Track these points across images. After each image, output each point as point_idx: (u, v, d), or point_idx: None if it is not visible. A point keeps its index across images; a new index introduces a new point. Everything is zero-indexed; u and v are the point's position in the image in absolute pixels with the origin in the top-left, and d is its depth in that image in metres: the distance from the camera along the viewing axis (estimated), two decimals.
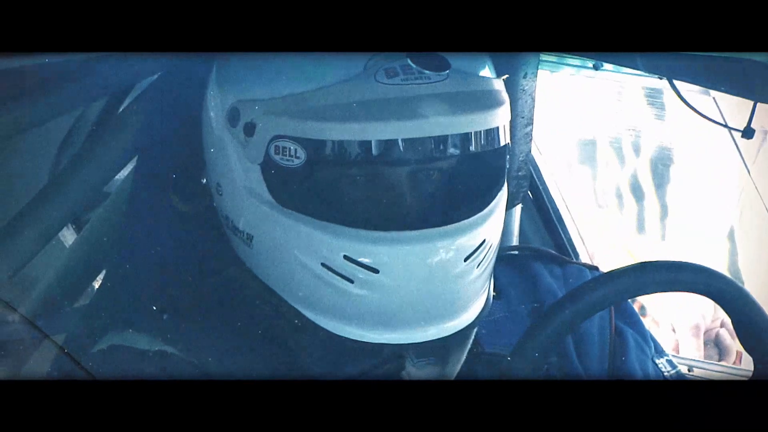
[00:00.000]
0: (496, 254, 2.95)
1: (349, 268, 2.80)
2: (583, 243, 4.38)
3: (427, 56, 2.88)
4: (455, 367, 2.98)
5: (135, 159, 3.18)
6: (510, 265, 3.31)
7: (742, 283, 3.51)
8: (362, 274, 2.82)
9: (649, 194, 5.10)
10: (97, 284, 3.27)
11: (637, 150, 5.22)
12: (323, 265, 2.80)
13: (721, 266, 4.05)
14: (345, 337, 2.90)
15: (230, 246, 2.97)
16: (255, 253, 2.89)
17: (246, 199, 2.89)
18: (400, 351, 2.94)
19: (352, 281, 2.81)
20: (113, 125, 3.29)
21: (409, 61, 2.81)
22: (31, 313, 3.19)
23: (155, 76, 3.19)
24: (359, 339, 2.88)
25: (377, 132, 2.79)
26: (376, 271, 2.78)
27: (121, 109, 3.26)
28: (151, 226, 3.10)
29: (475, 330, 2.98)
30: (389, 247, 2.83)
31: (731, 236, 5.16)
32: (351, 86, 2.79)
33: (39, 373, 2.87)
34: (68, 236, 3.35)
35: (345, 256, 2.80)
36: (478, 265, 2.86)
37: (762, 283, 4.37)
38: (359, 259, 2.81)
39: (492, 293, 3.01)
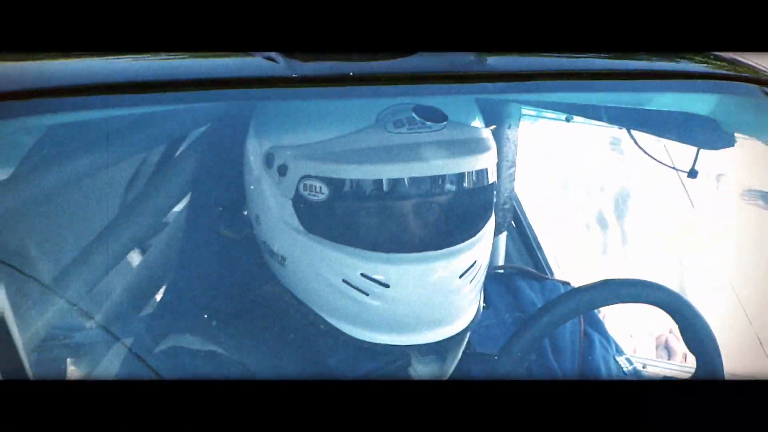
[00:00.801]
0: (485, 272, 2.97)
1: (365, 284, 2.82)
2: (557, 264, 4.36)
3: (428, 109, 2.89)
4: (452, 364, 2.98)
5: (189, 195, 3.20)
6: (497, 281, 3.30)
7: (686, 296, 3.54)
8: (376, 288, 2.84)
9: (611, 224, 5.15)
10: (158, 297, 3.30)
11: (602, 188, 5.24)
12: (344, 281, 2.84)
13: (669, 278, 4.09)
14: (362, 340, 2.92)
15: (267, 267, 2.99)
16: (288, 272, 2.93)
17: (280, 228, 2.93)
18: (406, 351, 2.96)
19: (367, 294, 2.83)
20: (171, 167, 3.32)
21: (414, 114, 2.82)
22: (105, 321, 3.13)
23: (205, 127, 3.19)
24: (373, 341, 2.91)
25: (387, 172, 2.84)
26: (387, 286, 2.82)
27: (177, 154, 3.26)
28: (202, 250, 3.13)
29: (468, 334, 2.99)
30: (397, 266, 2.86)
31: (677, 257, 5.21)
32: (366, 135, 2.84)
33: (111, 371, 3.01)
34: (135, 258, 3.36)
35: (362, 274, 2.82)
36: (471, 281, 2.87)
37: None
38: (373, 276, 2.83)
39: (482, 304, 3.02)
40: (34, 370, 2.48)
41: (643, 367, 3.51)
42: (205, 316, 3.02)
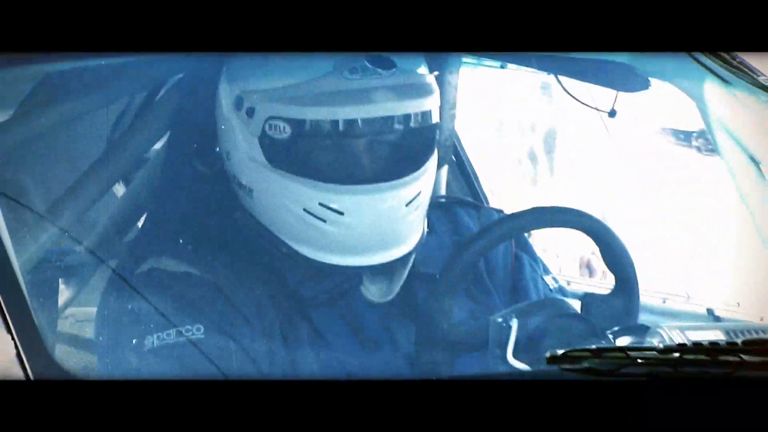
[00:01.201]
0: (428, 201, 3.02)
1: (323, 212, 2.86)
2: (492, 193, 4.34)
3: (379, 57, 2.95)
4: (398, 283, 3.01)
5: (167, 134, 3.22)
6: (439, 209, 3.32)
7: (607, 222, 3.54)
8: (332, 215, 2.88)
9: (540, 158, 5.14)
10: (140, 224, 3.29)
11: (533, 127, 5.25)
12: (304, 209, 2.88)
13: (591, 206, 4.09)
14: (319, 261, 2.95)
15: (237, 197, 3.03)
16: (255, 202, 2.97)
17: (248, 163, 2.98)
18: (359, 271, 3.00)
19: (324, 221, 2.87)
20: (151, 110, 3.34)
21: (366, 62, 2.88)
22: (93, 246, 3.12)
23: (180, 75, 3.21)
24: (329, 262, 2.95)
25: (343, 114, 2.86)
26: (342, 214, 2.86)
27: (157, 98, 3.28)
28: (179, 183, 3.14)
29: (413, 256, 3.02)
30: (351, 196, 2.89)
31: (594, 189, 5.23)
32: (324, 81, 2.88)
33: (98, 288, 2.97)
34: (119, 190, 3.36)
35: (320, 203, 2.86)
36: (416, 209, 2.93)
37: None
38: (330, 205, 2.87)
39: (425, 229, 3.06)
40: (31, 291, 2.48)
41: (568, 284, 3.52)
42: (180, 240, 3.03)
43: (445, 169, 3.60)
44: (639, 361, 2.57)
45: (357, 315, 3.07)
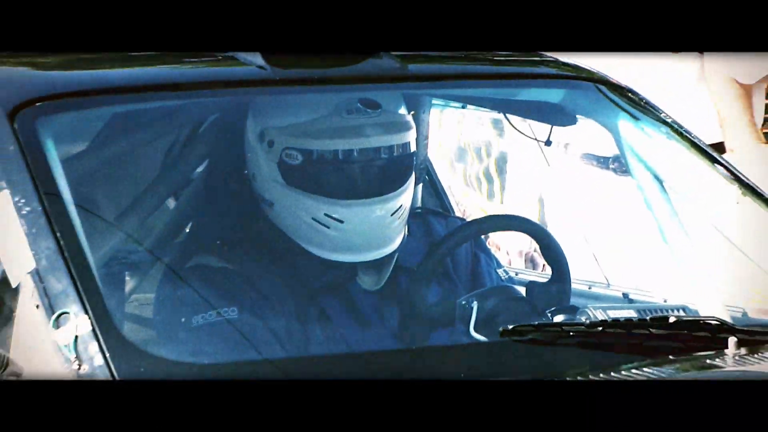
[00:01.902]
0: (408, 211, 3.03)
1: (327, 220, 2.90)
2: (457, 205, 4.34)
3: (368, 101, 2.99)
4: (386, 275, 3.06)
5: (207, 160, 3.23)
6: (416, 217, 3.32)
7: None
8: (334, 223, 2.92)
9: (494, 178, 5.13)
10: (187, 230, 3.29)
11: (488, 153, 5.24)
12: (312, 218, 2.92)
13: (533, 213, 4.12)
14: (325, 258, 2.96)
15: (261, 209, 3.04)
16: (275, 213, 2.98)
17: (269, 183, 2.99)
18: (355, 266, 3.03)
19: (328, 227, 2.90)
20: (194, 142, 3.31)
21: (359, 105, 2.94)
22: (151, 246, 3.12)
23: (217, 114, 3.22)
24: (333, 259, 2.96)
25: (342, 145, 2.91)
26: (342, 222, 2.90)
27: (199, 132, 3.26)
28: (216, 198, 3.16)
29: (397, 254, 3.04)
30: (349, 209, 2.91)
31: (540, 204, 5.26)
32: (327, 119, 2.92)
33: (156, 279, 2.99)
34: (171, 203, 3.35)
35: (325, 214, 2.89)
36: (399, 218, 2.97)
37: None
38: (332, 215, 2.90)
39: (406, 233, 3.07)
40: (103, 282, 2.47)
41: (515, 275, 3.51)
42: (218, 242, 3.05)
43: (420, 186, 3.51)
44: (571, 334, 2.61)
45: (354, 300, 3.09)
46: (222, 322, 2.81)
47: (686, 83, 4.75)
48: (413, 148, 3.07)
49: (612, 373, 2.47)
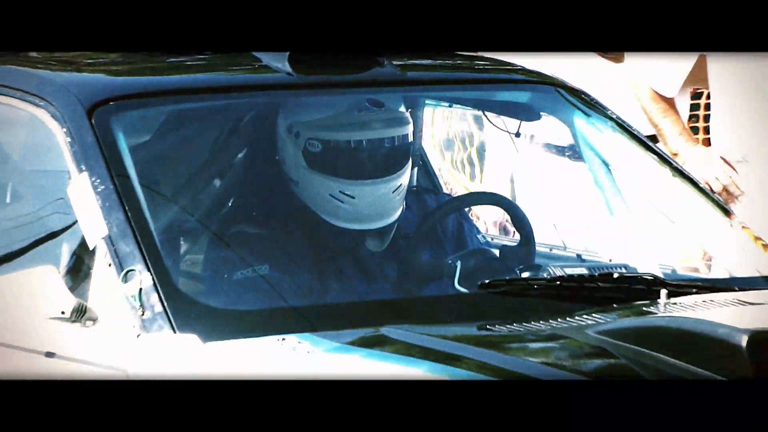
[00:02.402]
0: (406, 189, 3.01)
1: (342, 197, 2.87)
2: (444, 183, 4.40)
3: (374, 100, 2.98)
4: (388, 240, 3.04)
5: (246, 149, 3.20)
6: (412, 194, 3.27)
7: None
8: (348, 199, 2.90)
9: (475, 162, 5.18)
10: (230, 204, 3.20)
11: (471, 142, 5.28)
12: (330, 195, 2.88)
13: (505, 191, 4.12)
14: (340, 226, 2.93)
15: (289, 187, 3.01)
16: (300, 190, 2.95)
17: (296, 166, 2.97)
18: (364, 233, 2.99)
19: (343, 202, 2.87)
20: (237, 134, 3.24)
21: (367, 104, 2.93)
22: (201, 217, 3.14)
23: (254, 111, 3.18)
24: (345, 227, 2.94)
25: (353, 136, 2.91)
26: (353, 198, 2.87)
27: (240, 125, 3.26)
28: (254, 179, 3.12)
29: (397, 223, 3.01)
30: (359, 187, 2.90)
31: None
32: (341, 116, 2.92)
33: (204, 243, 2.97)
34: (217, 183, 3.33)
35: (340, 191, 2.86)
36: (399, 194, 2.95)
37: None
38: (346, 192, 2.87)
39: (404, 207, 3.04)
40: (163, 246, 2.48)
41: (492, 239, 3.53)
42: (254, 213, 3.03)
43: (416, 169, 3.48)
44: (535, 287, 2.66)
45: (362, 259, 3.06)
46: (256, 277, 2.78)
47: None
48: (410, 138, 3.08)
49: (567, 318, 2.45)
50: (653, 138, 3.73)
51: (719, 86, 3.73)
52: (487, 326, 2.43)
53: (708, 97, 4.89)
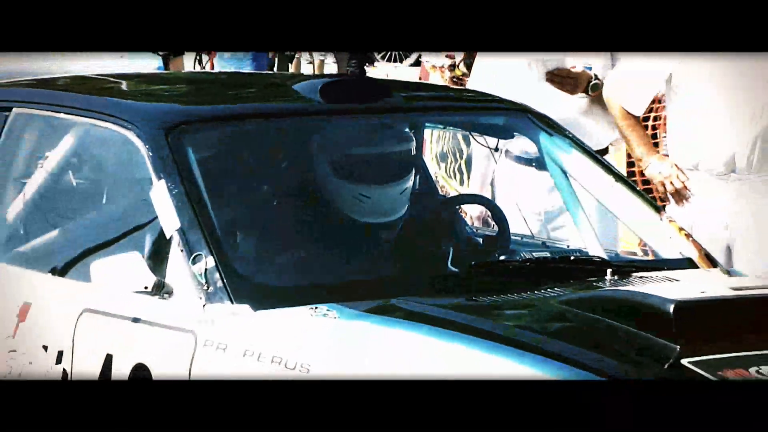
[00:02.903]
0: (410, 191, 2.93)
1: (361, 197, 2.78)
2: (441, 188, 4.49)
3: (385, 123, 2.96)
4: (396, 231, 2.96)
5: (286, 161, 3.07)
6: (415, 195, 3.14)
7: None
8: (365, 199, 2.80)
9: (464, 171, 5.13)
10: (275, 203, 3.07)
11: (460, 156, 5.24)
12: (352, 196, 2.81)
13: (487, 193, 4.10)
14: (360, 221, 2.83)
15: (323, 192, 2.88)
16: (329, 193, 2.86)
17: (325, 174, 2.84)
18: (378, 225, 2.89)
19: (361, 201, 2.79)
20: (278, 151, 3.11)
21: (380, 126, 2.91)
22: (251, 213, 3.01)
23: (294, 132, 3.03)
24: (363, 220, 2.84)
25: (369, 151, 2.86)
26: (369, 198, 2.78)
27: (284, 143, 3.11)
28: (294, 184, 2.97)
29: (403, 218, 2.92)
30: (374, 190, 2.82)
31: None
32: (360, 135, 2.87)
33: (255, 234, 2.85)
34: (265, 188, 3.13)
35: (360, 193, 2.78)
36: (405, 195, 2.87)
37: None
38: (363, 194, 2.79)
39: (409, 205, 2.95)
40: (223, 237, 2.43)
41: (477, 230, 3.48)
42: (293, 211, 2.92)
43: (418, 176, 3.41)
44: (510, 267, 2.68)
45: (377, 246, 3.00)
46: (297, 258, 2.73)
47: None
48: (414, 152, 3.02)
49: (536, 291, 2.46)
50: (603, 151, 3.68)
51: (676, 107, 3.64)
52: (474, 298, 2.41)
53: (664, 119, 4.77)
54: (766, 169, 3.44)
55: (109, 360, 2.35)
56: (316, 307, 2.23)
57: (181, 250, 2.34)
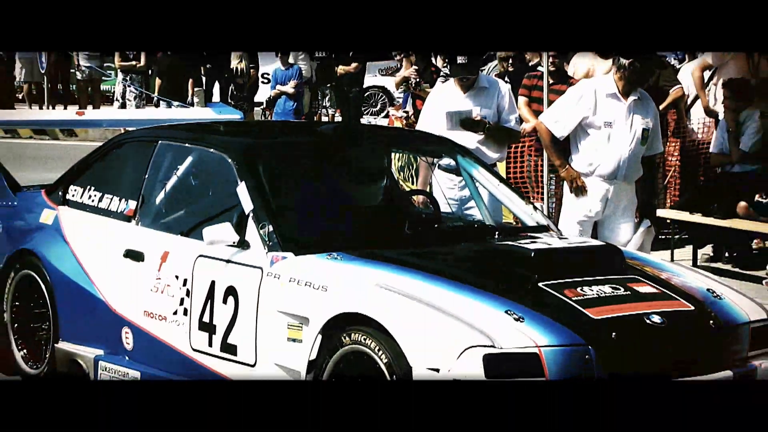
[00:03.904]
0: (384, 185, 2.77)
1: (356, 188, 2.62)
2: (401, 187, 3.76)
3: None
4: (376, 211, 2.71)
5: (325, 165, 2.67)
6: (385, 188, 2.88)
7: None
8: (360, 189, 2.62)
9: (414, 177, 4.24)
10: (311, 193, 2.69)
11: (412, 166, 4.40)
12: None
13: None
14: (356, 205, 2.61)
15: (335, 185, 2.66)
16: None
17: (337, 175, 2.68)
18: (370, 206, 2.70)
19: (358, 191, 2.61)
20: (319, 162, 2.76)
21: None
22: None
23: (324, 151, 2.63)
24: (359, 204, 2.64)
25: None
26: (361, 188, 2.64)
27: (321, 156, 2.74)
28: (315, 184, 2.66)
29: (381, 203, 2.77)
30: (364, 185, 2.66)
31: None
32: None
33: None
34: (306, 187, 2.75)
35: (356, 185, 2.61)
36: (382, 188, 2.71)
37: None
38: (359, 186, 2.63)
39: (383, 194, 2.78)
40: (272, 216, 2.19)
41: (421, 210, 3.02)
42: (317, 196, 2.61)
43: (388, 179, 3.15)
44: (440, 231, 2.55)
45: (363, 218, 2.64)
46: (320, 226, 2.50)
47: None
48: (386, 164, 2.86)
49: (455, 245, 2.38)
50: (493, 165, 3.36)
51: (581, 132, 3.12)
52: (419, 249, 2.33)
53: None
54: (631, 180, 3.10)
55: (213, 284, 2.28)
56: (329, 254, 2.19)
57: (253, 221, 2.27)
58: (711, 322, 2.03)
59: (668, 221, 4.30)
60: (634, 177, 3.08)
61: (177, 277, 2.36)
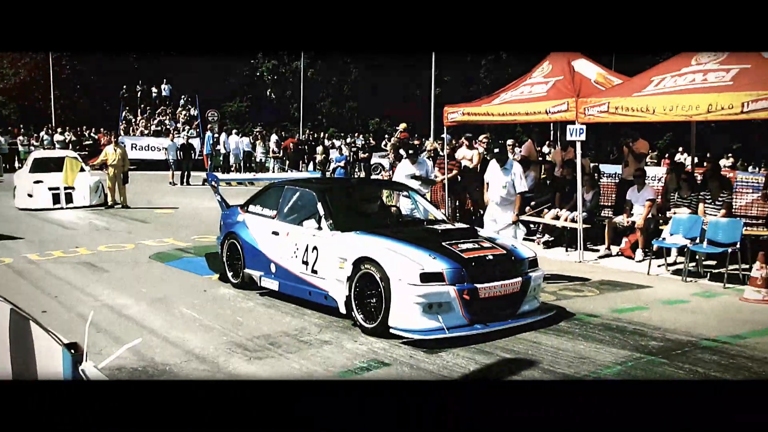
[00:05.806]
0: (378, 203, 4.00)
1: (364, 202, 3.36)
2: (386, 201, 5.13)
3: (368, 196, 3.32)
4: (375, 210, 3.83)
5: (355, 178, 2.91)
6: (379, 205, 4.11)
7: None
8: (367, 203, 3.39)
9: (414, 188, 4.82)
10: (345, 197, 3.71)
11: (394, 193, 5.10)
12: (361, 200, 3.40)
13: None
14: (363, 208, 3.59)
15: (349, 193, 3.53)
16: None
17: (355, 195, 3.66)
18: (367, 213, 3.71)
19: (365, 203, 3.33)
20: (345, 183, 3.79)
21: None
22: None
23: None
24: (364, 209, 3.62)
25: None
26: (368, 202, 3.38)
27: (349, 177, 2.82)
28: (348, 200, 3.79)
29: (376, 208, 3.98)
30: (367, 200, 3.51)
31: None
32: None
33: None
34: (342, 197, 3.79)
35: (363, 201, 3.33)
36: (378, 203, 3.66)
37: None
38: (365, 201, 3.40)
39: (378, 208, 4.05)
40: (329, 213, 2.88)
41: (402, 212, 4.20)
42: (342, 200, 3.67)
43: (378, 201, 4.24)
44: (417, 224, 3.34)
45: (368, 214, 3.83)
46: (349, 218, 3.50)
47: None
48: (378, 196, 3.90)
49: (413, 228, 3.25)
50: (423, 194, 4.29)
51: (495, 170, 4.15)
52: (393, 230, 3.18)
53: None
54: (509, 200, 4.21)
55: (307, 245, 3.61)
56: (355, 232, 3.42)
57: (324, 219, 3.53)
58: (512, 257, 3.56)
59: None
60: (507, 204, 4.69)
61: (294, 243, 3.93)
